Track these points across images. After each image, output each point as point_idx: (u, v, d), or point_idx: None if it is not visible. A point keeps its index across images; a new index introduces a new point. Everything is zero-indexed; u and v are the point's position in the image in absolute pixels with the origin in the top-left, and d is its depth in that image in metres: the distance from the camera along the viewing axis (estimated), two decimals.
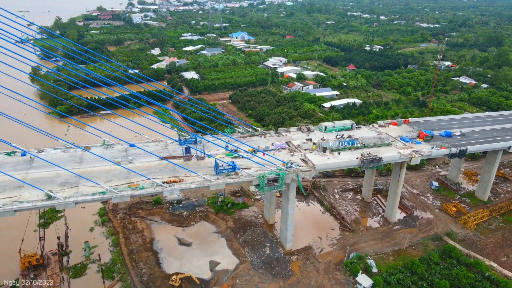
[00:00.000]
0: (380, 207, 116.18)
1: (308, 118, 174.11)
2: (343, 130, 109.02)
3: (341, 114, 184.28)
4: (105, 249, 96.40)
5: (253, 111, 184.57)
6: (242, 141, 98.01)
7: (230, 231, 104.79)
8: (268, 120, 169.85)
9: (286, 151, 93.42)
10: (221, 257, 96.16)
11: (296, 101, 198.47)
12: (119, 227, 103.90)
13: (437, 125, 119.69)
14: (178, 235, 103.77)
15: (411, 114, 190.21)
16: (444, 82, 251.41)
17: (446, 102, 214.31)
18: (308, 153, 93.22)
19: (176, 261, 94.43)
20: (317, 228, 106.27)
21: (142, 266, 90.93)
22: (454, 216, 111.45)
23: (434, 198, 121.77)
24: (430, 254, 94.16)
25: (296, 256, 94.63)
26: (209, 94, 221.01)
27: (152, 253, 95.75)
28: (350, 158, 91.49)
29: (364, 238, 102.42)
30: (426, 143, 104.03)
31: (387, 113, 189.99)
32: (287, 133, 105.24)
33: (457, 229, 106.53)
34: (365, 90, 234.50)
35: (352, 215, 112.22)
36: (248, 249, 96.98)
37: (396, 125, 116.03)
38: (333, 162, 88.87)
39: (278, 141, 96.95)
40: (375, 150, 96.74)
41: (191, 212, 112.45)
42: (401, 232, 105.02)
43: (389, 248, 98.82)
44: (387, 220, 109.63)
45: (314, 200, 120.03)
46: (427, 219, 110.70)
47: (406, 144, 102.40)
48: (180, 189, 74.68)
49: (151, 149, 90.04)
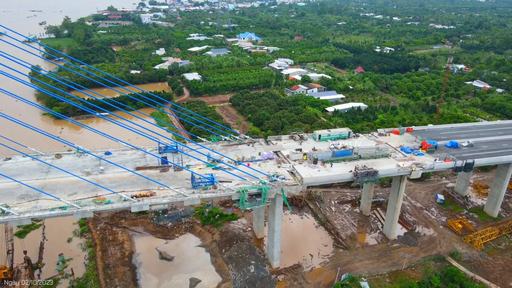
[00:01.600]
0: (379, 222, 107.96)
1: (309, 123, 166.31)
2: (339, 138, 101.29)
3: (345, 119, 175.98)
4: (80, 263, 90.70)
5: (253, 114, 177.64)
6: (227, 150, 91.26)
7: (216, 245, 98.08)
8: (267, 125, 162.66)
9: (273, 162, 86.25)
10: (203, 274, 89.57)
11: (299, 104, 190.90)
12: (97, 239, 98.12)
13: (443, 134, 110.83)
14: (160, 248, 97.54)
15: (419, 120, 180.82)
16: (456, 86, 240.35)
17: (458, 107, 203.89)
18: (298, 164, 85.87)
19: (154, 278, 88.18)
20: (309, 244, 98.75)
21: (116, 283, 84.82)
22: (459, 234, 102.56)
23: (439, 213, 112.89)
24: (430, 278, 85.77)
25: (283, 276, 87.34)
26: (210, 96, 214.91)
27: (129, 268, 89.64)
28: (343, 171, 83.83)
29: (359, 256, 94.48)
30: (429, 154, 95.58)
31: (394, 118, 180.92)
32: (278, 141, 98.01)
33: (463, 248, 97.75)
34: (372, 94, 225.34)
35: (348, 230, 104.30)
36: (232, 266, 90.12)
37: (397, 133, 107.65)
38: (323, 175, 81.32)
39: (266, 151, 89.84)
40: (371, 162, 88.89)
41: (176, 223, 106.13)
42: (400, 251, 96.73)
43: (386, 268, 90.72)
44: (386, 237, 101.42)
45: (308, 212, 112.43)
46: (430, 237, 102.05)
47: (407, 155, 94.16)
48: (150, 204, 68.25)
49: (128, 158, 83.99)
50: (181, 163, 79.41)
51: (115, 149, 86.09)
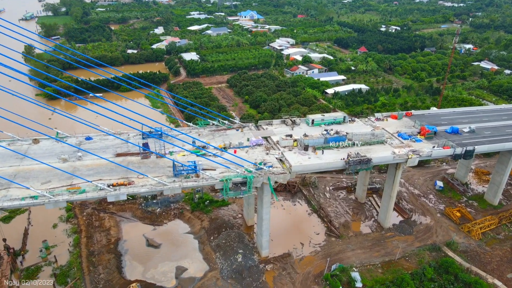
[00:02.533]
0: (375, 209, 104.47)
1: (308, 105, 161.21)
2: (334, 123, 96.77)
3: (345, 102, 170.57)
4: (65, 250, 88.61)
5: (250, 96, 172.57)
6: (215, 135, 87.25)
7: (204, 232, 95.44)
8: (263, 107, 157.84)
9: (262, 148, 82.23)
10: (190, 262, 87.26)
11: (298, 86, 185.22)
12: (83, 225, 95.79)
13: (444, 119, 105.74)
14: (147, 235, 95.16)
15: (422, 102, 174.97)
16: (463, 67, 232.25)
17: (463, 89, 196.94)
18: (287, 151, 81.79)
19: (139, 266, 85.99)
20: (301, 232, 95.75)
21: (100, 271, 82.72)
22: (457, 223, 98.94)
23: (437, 200, 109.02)
24: (424, 268, 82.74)
25: (272, 265, 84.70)
26: (207, 77, 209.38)
27: (114, 256, 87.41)
28: (335, 159, 79.73)
29: (352, 245, 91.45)
30: (428, 141, 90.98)
31: (395, 101, 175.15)
32: (269, 126, 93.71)
33: (460, 238, 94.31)
34: (375, 75, 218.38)
35: (342, 218, 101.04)
36: (220, 254, 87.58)
37: (396, 118, 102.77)
38: (313, 163, 77.28)
39: (255, 136, 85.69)
40: (366, 149, 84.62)
41: (165, 209, 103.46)
42: (394, 240, 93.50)
43: (378, 258, 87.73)
44: (380, 225, 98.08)
45: (302, 198, 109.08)
46: (426, 226, 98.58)
47: (404, 141, 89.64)
48: (128, 194, 64.95)
49: (109, 143, 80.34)
50: (163, 149, 75.69)
51: (96, 134, 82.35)
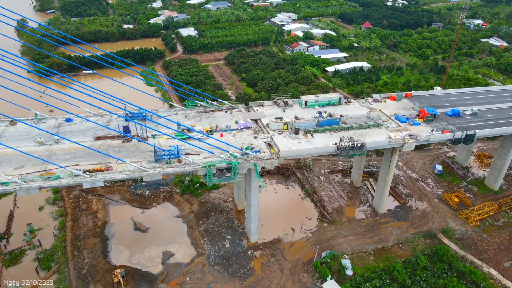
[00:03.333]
0: (370, 194, 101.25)
1: (306, 84, 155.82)
2: (329, 105, 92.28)
3: (345, 80, 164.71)
4: (50, 233, 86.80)
5: (247, 74, 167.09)
6: (202, 117, 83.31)
7: (193, 216, 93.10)
8: (260, 86, 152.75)
9: (250, 131, 78.32)
10: (178, 247, 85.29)
11: (297, 64, 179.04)
12: (69, 208, 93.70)
13: (446, 100, 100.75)
14: (135, 218, 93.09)
15: (426, 81, 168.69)
16: (470, 44, 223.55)
17: (469, 67, 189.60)
18: (277, 134, 77.87)
19: (125, 250, 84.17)
20: (292, 217, 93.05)
21: (85, 255, 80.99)
22: (455, 209, 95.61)
23: (436, 184, 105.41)
24: (417, 256, 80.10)
25: (261, 252, 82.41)
26: (205, 54, 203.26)
27: (100, 240, 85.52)
28: (326, 143, 75.77)
29: (344, 231, 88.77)
30: (427, 124, 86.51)
31: (398, 80, 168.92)
32: (260, 107, 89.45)
33: (456, 224, 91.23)
34: (378, 52, 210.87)
35: (336, 203, 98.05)
36: (208, 239, 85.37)
37: (394, 99, 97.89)
38: (303, 148, 73.42)
39: (244, 119, 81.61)
40: (360, 133, 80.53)
41: (154, 192, 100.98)
42: (388, 226, 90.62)
43: (371, 245, 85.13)
44: (375, 211, 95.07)
45: (295, 182, 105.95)
46: (423, 211, 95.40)
47: (401, 125, 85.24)
48: (105, 180, 61.92)
49: (90, 125, 76.69)
50: (146, 132, 72.09)
51: (83, 114, 78.57)
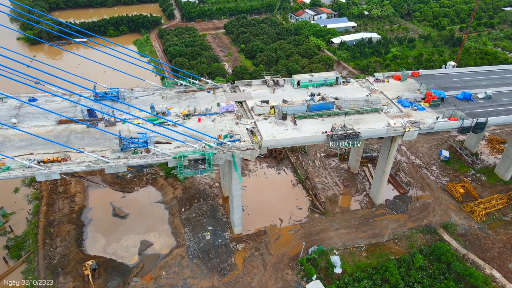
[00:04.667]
0: (368, 182, 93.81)
1: (309, 57, 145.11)
2: (325, 85, 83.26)
3: (351, 53, 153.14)
4: (23, 218, 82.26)
5: (246, 45, 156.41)
6: (181, 98, 75.41)
7: (176, 202, 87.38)
8: (259, 58, 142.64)
9: (232, 116, 70.45)
10: (157, 235, 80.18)
11: (301, 34, 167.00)
12: (45, 190, 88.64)
13: (457, 81, 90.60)
14: (115, 203, 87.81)
15: (440, 55, 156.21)
16: (492, 13, 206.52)
17: (488, 40, 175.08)
18: (262, 120, 69.94)
19: (101, 238, 79.39)
20: (282, 206, 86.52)
21: (57, 244, 76.38)
22: (459, 201, 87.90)
23: (440, 172, 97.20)
24: (413, 255, 73.60)
25: (244, 245, 76.72)
26: (204, 22, 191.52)
27: (75, 227, 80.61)
28: (317, 131, 67.71)
29: (336, 224, 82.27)
30: (432, 109, 77.46)
31: (409, 53, 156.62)
32: (247, 87, 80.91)
33: (460, 218, 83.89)
34: (390, 22, 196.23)
35: (330, 191, 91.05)
36: (188, 229, 79.88)
37: (399, 79, 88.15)
38: (289, 137, 65.52)
39: (227, 101, 73.43)
40: (356, 119, 72.13)
41: (137, 174, 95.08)
42: (385, 219, 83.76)
43: (364, 240, 78.69)
44: (372, 201, 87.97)
45: (288, 166, 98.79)
46: (423, 203, 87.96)
47: (404, 110, 76.34)
48: (61, 172, 55.57)
49: (55, 106, 69.68)
50: (114, 116, 64.81)
51: (41, 95, 71.51)
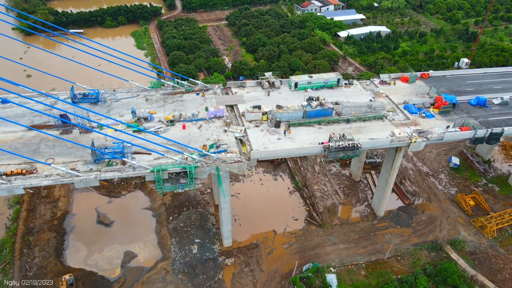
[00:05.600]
0: (370, 190, 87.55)
1: (313, 52, 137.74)
2: (325, 87, 76.65)
3: (358, 48, 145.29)
4: (2, 224, 77.89)
5: (248, 38, 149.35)
6: (167, 100, 69.52)
7: (164, 209, 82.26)
8: (260, 53, 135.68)
9: (221, 122, 64.43)
10: (142, 246, 75.33)
11: (306, 27, 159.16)
12: (27, 194, 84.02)
13: (471, 83, 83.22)
14: (100, 209, 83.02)
15: (452, 51, 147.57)
16: (510, 6, 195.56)
17: (505, 35, 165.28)
18: (253, 127, 63.83)
19: (83, 248, 74.68)
20: (276, 216, 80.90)
21: (36, 254, 71.88)
22: (469, 214, 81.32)
23: (449, 181, 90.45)
24: (416, 275, 67.62)
25: (234, 259, 71.41)
26: (206, 13, 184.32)
27: (56, 235, 76.02)
28: (313, 141, 61.47)
29: (334, 237, 76.42)
30: (443, 116, 70.55)
31: (420, 48, 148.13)
32: (240, 89, 74.61)
33: (469, 234, 77.46)
34: (401, 14, 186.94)
35: (328, 200, 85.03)
36: (175, 240, 74.79)
37: (406, 81, 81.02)
38: (281, 148, 59.36)
39: (215, 106, 67.34)
40: (358, 127, 65.68)
41: (125, 178, 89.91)
42: (387, 233, 77.66)
43: (364, 257, 72.84)
44: (373, 212, 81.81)
45: (285, 171, 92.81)
46: (430, 216, 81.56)
47: (411, 117, 69.55)
48: (24, 187, 50.46)
49: (28, 110, 64.19)
50: (89, 122, 59.29)
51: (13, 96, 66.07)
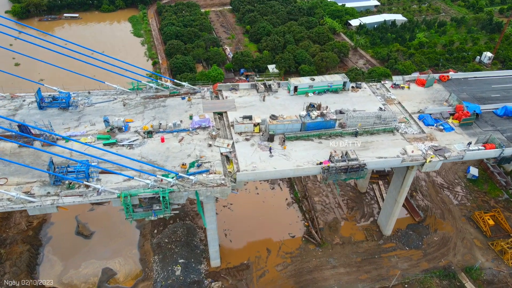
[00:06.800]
0: (377, 204, 79.07)
1: (321, 43, 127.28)
2: (329, 91, 67.53)
3: (370, 38, 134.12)
4: None
5: (252, 26, 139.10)
6: (148, 105, 61.34)
7: (150, 220, 75.11)
8: (264, 43, 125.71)
9: (206, 133, 56.16)
10: (123, 263, 68.57)
11: (315, 14, 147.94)
12: None
13: (498, 88, 73.08)
14: (81, 217, 76.30)
15: (474, 43, 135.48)
16: None
17: None
18: (243, 141, 55.44)
19: (58, 264, 68.26)
20: (271, 232, 73.14)
21: (6, 269, 65.67)
22: (488, 235, 72.50)
23: (466, 195, 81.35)
24: None
25: (221, 283, 64.35)
26: None
27: (30, 247, 69.45)
28: (311, 159, 52.96)
29: (334, 259, 68.59)
30: (463, 129, 61.18)
31: (438, 40, 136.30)
32: (232, 93, 65.93)
33: (487, 260, 68.91)
34: (419, 0, 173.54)
35: (330, 214, 76.91)
36: (158, 258, 67.92)
37: (423, 85, 71.27)
38: (273, 168, 50.96)
39: (201, 114, 58.89)
40: (364, 142, 56.86)
41: None
42: (393, 256, 69.51)
43: (366, 284, 65.04)
44: (379, 230, 73.57)
45: (284, 180, 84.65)
46: (443, 237, 72.96)
47: (426, 129, 60.34)
48: None
49: None
50: (52, 133, 51.60)
51: None
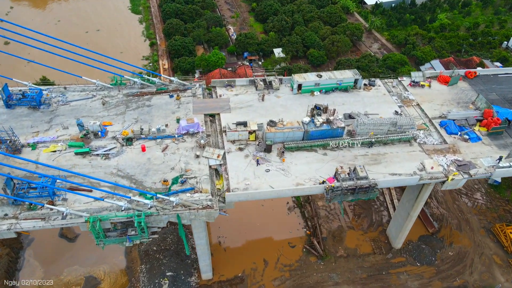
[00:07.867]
0: (387, 212, 72.12)
1: (333, 24, 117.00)
2: (338, 89, 59.37)
3: (387, 19, 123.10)
4: None
5: (258, 4, 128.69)
6: (130, 105, 54.12)
7: None
8: (271, 24, 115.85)
9: (194, 141, 49.04)
10: (108, 270, 63.60)
11: None
12: None
13: None
14: None
15: (501, 26, 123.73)
16: None
17: None
18: (236, 151, 48.29)
19: (39, 269, 63.57)
20: (270, 241, 67.25)
21: None
22: (509, 251, 65.52)
23: (486, 203, 73.79)
24: None
25: None
26: None
27: (10, 251, 64.71)
28: (312, 175, 45.76)
29: (337, 275, 62.58)
30: (492, 140, 52.97)
31: (462, 22, 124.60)
32: (228, 90, 58.15)
33: (507, 279, 62.27)
34: None
35: (334, 222, 70.38)
36: (145, 268, 62.71)
37: (445, 83, 62.49)
38: (268, 187, 43.96)
39: (189, 118, 51.44)
40: (376, 154, 49.35)
41: None
42: (403, 272, 63.17)
43: None
44: (388, 242, 67.00)
45: None
46: (459, 251, 66.14)
47: (449, 139, 52.33)
48: None
49: None
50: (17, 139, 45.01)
51: None
